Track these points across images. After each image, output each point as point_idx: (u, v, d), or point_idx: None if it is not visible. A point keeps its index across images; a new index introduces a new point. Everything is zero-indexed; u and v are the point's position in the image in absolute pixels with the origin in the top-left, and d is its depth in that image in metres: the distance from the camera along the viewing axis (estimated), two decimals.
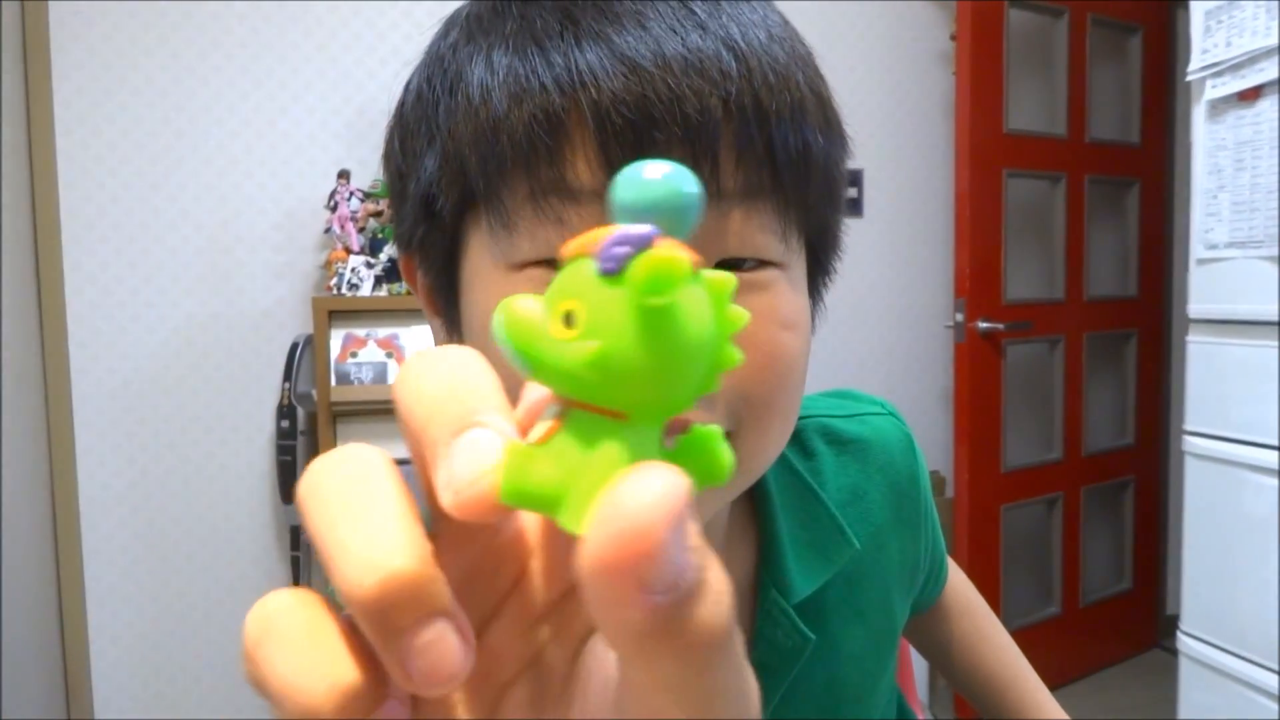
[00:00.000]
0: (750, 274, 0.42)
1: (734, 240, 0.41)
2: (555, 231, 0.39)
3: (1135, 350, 2.93)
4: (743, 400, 0.42)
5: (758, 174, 0.41)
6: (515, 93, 0.39)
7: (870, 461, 0.60)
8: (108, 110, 2.19)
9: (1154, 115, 2.87)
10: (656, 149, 0.38)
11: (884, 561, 0.60)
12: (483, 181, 0.41)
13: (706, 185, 0.38)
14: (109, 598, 2.26)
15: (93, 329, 2.21)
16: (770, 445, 0.45)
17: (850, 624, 0.57)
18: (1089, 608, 2.81)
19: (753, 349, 0.40)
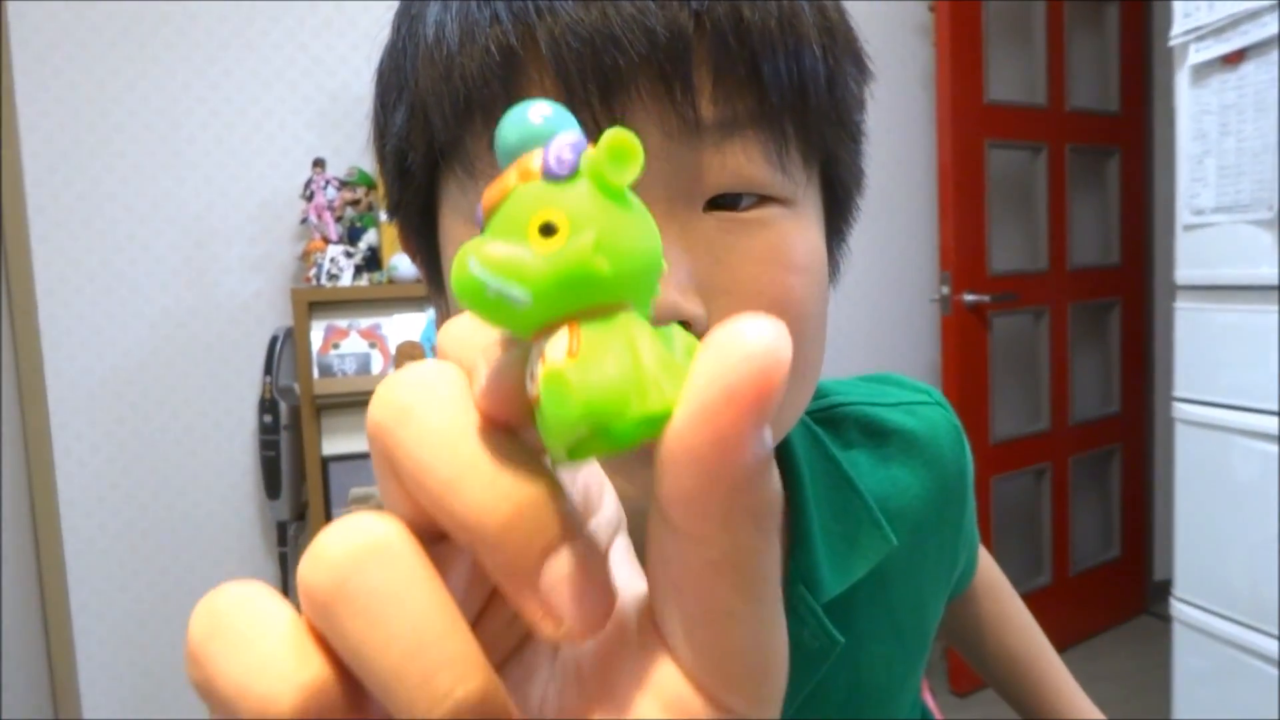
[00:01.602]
0: (747, 212, 0.38)
1: (723, 175, 0.37)
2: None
3: (1119, 318, 2.93)
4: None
5: (741, 100, 0.36)
6: (467, 29, 0.36)
7: (916, 456, 0.55)
8: (72, 104, 2.14)
9: (1133, 83, 2.86)
10: (621, 78, 0.34)
11: (921, 562, 0.56)
12: (444, 128, 0.37)
13: (682, 115, 0.35)
14: (93, 601, 2.22)
15: (66, 328, 2.17)
16: (785, 406, 0.40)
17: (880, 626, 0.53)
18: (1079, 576, 2.83)
19: (755, 295, 0.37)
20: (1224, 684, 1.74)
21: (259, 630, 0.18)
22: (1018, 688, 0.72)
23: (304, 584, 0.18)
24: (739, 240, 0.37)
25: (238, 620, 0.18)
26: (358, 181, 2.19)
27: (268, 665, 0.17)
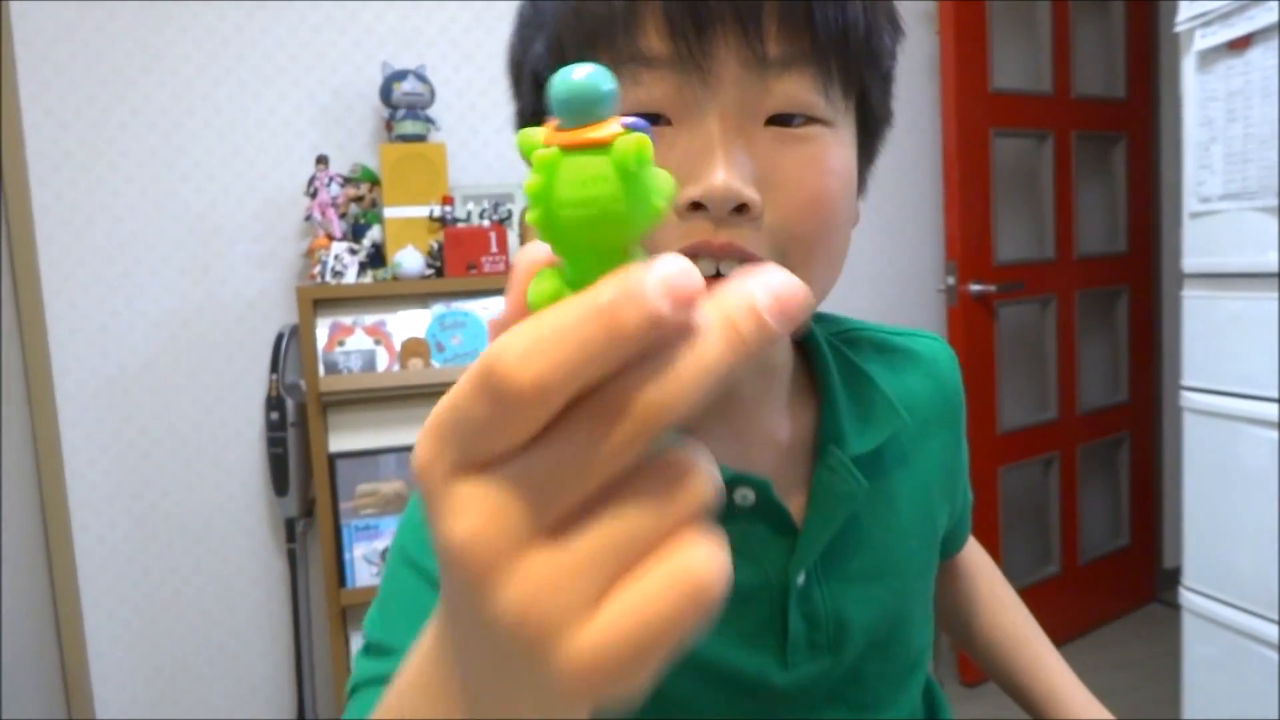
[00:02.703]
0: (798, 129, 0.49)
1: (781, 99, 0.48)
2: (633, 91, 0.47)
3: (1126, 306, 2.92)
4: (788, 236, 0.48)
5: (798, 42, 0.47)
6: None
7: (920, 367, 0.66)
8: (75, 104, 2.14)
9: (1139, 69, 2.84)
10: (711, 23, 0.45)
11: (928, 453, 0.65)
12: (576, 54, 0.47)
13: (754, 50, 0.46)
14: (104, 598, 2.23)
15: (73, 328, 2.17)
16: (816, 280, 0.50)
17: (898, 497, 0.62)
18: (1088, 565, 2.82)
19: (799, 191, 0.48)
20: (1233, 672, 1.73)
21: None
22: (1009, 663, 0.77)
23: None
24: (789, 149, 0.48)
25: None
26: (361, 178, 2.19)
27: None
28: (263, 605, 2.34)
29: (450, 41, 2.37)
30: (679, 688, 0.55)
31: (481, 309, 2.09)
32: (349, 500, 2.03)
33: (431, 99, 2.20)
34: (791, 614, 0.56)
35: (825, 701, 0.59)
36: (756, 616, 0.56)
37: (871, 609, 0.59)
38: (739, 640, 0.56)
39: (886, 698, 0.62)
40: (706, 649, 0.55)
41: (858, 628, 0.59)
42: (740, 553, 0.54)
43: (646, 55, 0.46)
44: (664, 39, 0.46)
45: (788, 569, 0.56)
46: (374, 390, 2.00)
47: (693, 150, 0.47)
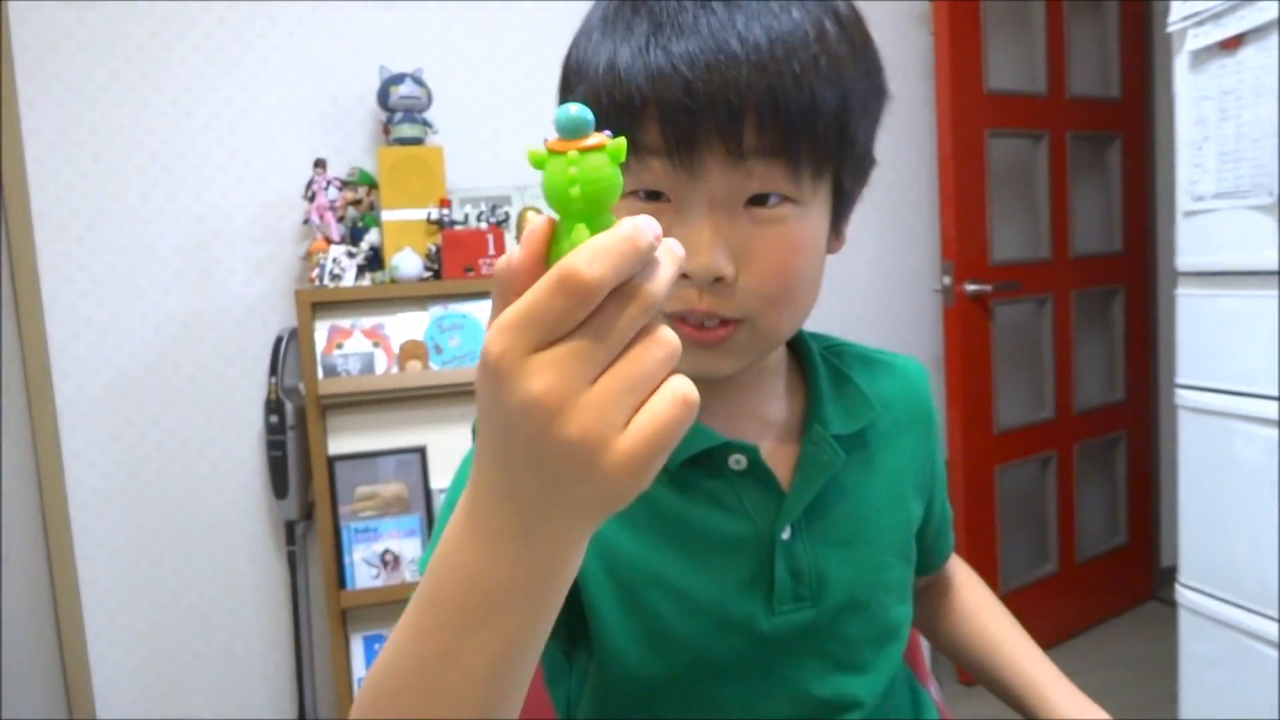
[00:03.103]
0: (772, 209, 0.58)
1: (757, 183, 0.57)
2: (638, 173, 0.57)
3: (1123, 306, 2.93)
4: (757, 298, 0.58)
5: (771, 137, 0.55)
6: (619, 79, 0.56)
7: (896, 378, 0.77)
8: (74, 108, 2.15)
9: (1133, 69, 2.86)
10: (699, 131, 0.54)
11: (901, 447, 0.74)
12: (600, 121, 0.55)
13: (731, 150, 0.55)
14: (105, 602, 2.24)
15: (72, 332, 2.18)
16: (781, 327, 0.62)
17: (873, 478, 0.71)
18: (1085, 564, 2.83)
19: (767, 265, 0.58)
20: (1230, 669, 1.74)
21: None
22: (990, 661, 0.81)
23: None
24: (763, 229, 0.58)
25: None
26: (359, 181, 2.20)
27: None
28: (262, 608, 2.35)
29: (447, 45, 2.37)
30: (684, 627, 0.64)
31: (479, 311, 2.09)
32: (348, 503, 2.03)
33: (429, 102, 2.21)
34: (778, 565, 0.65)
35: (811, 653, 0.68)
36: (748, 565, 0.65)
37: (848, 569, 0.68)
38: (734, 586, 0.65)
39: (867, 660, 0.70)
40: (706, 593, 0.64)
41: (836, 583, 0.68)
42: (733, 509, 0.64)
43: (647, 146, 0.56)
44: (659, 136, 0.55)
45: (775, 525, 0.65)
46: (373, 392, 2.01)
47: (682, 228, 0.57)
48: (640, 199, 0.58)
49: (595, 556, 0.63)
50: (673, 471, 0.65)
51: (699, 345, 0.59)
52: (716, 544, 0.65)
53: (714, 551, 0.65)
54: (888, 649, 0.71)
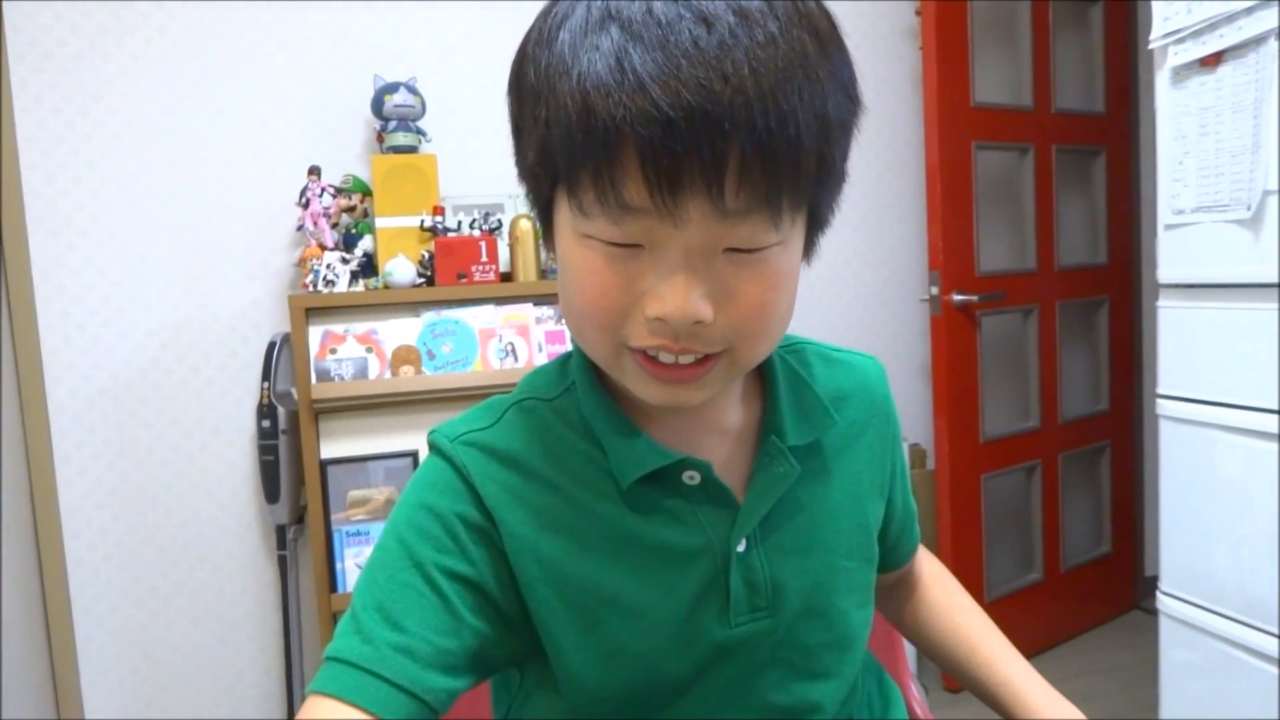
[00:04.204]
0: (751, 254, 0.55)
1: (736, 239, 0.54)
2: (611, 227, 0.54)
3: (1107, 317, 2.96)
4: (736, 334, 0.57)
5: (754, 194, 0.52)
6: (593, 124, 0.51)
7: (853, 377, 0.76)
8: (68, 115, 2.16)
9: (1118, 84, 2.90)
10: (682, 183, 0.51)
11: (860, 451, 0.74)
12: (567, 183, 0.55)
13: (715, 206, 0.52)
14: (94, 606, 2.24)
15: (65, 336, 2.19)
16: (757, 353, 0.60)
17: (829, 484, 0.71)
18: (1070, 572, 2.86)
19: (746, 304, 0.56)
20: (1211, 677, 1.76)
21: None
22: (966, 661, 0.81)
23: None
24: (741, 270, 0.56)
25: None
26: (352, 188, 2.21)
27: None
28: (253, 612, 2.35)
29: (441, 54, 2.40)
30: (641, 644, 0.63)
31: (472, 317, 2.11)
32: (340, 508, 2.05)
33: (422, 111, 2.23)
34: (733, 577, 0.64)
35: (769, 663, 0.67)
36: (703, 578, 0.64)
37: (804, 577, 0.68)
38: (689, 601, 0.64)
39: (827, 667, 0.70)
40: (662, 609, 0.63)
41: (792, 592, 0.67)
42: (688, 523, 0.63)
43: (627, 204, 0.52)
44: (642, 193, 0.52)
45: (730, 538, 0.65)
46: (366, 397, 2.02)
47: (660, 272, 0.55)
48: (614, 246, 0.55)
49: (546, 582, 0.62)
50: (626, 490, 0.63)
51: (673, 382, 0.58)
52: (671, 559, 0.64)
53: (668, 567, 0.63)
54: (848, 654, 0.71)
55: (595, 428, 0.65)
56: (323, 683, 0.57)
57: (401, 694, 0.56)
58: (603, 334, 0.58)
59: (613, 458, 0.64)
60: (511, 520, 0.62)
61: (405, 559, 0.60)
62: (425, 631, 0.58)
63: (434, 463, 0.65)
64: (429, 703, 0.57)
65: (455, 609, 0.59)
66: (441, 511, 0.61)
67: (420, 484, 0.64)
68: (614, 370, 0.61)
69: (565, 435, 0.66)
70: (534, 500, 0.63)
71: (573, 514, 0.63)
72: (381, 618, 0.58)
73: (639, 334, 0.56)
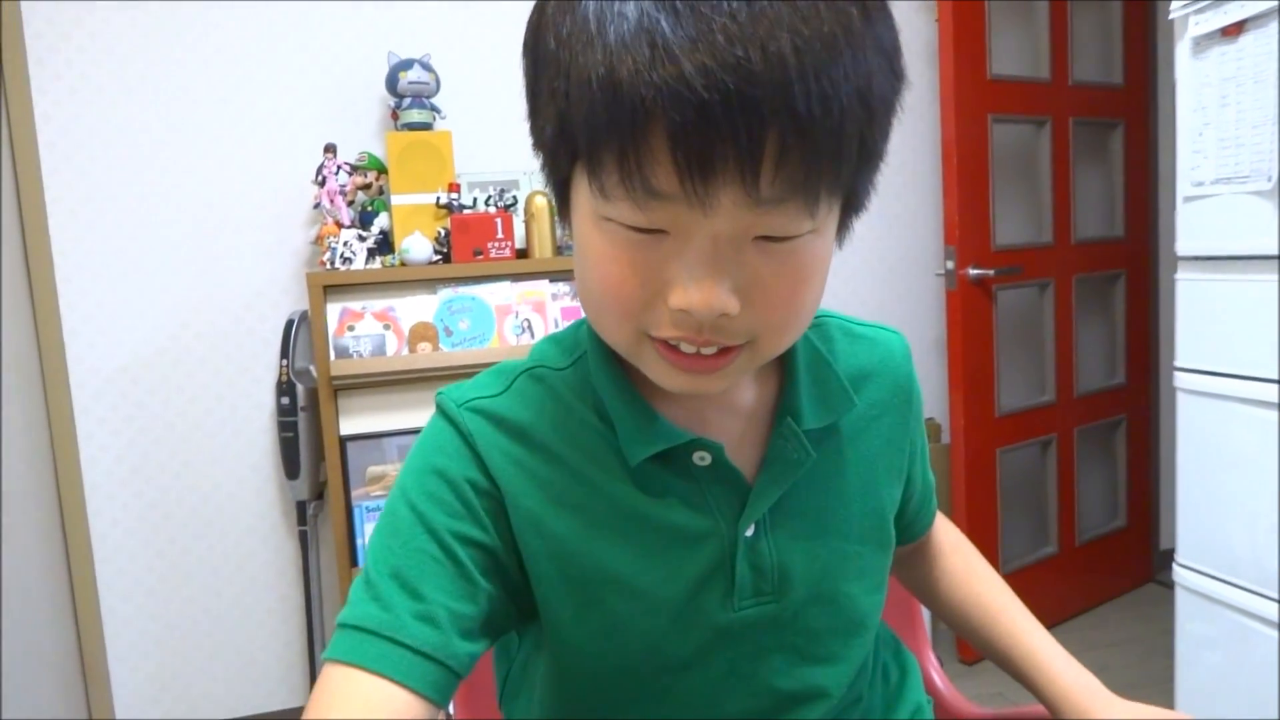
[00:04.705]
0: (783, 243, 0.52)
1: (768, 228, 0.51)
2: (636, 214, 0.50)
3: (1124, 290, 2.95)
4: (762, 327, 0.54)
5: (790, 182, 0.48)
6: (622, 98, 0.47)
7: (875, 353, 0.73)
8: (85, 95, 2.17)
9: (1136, 55, 2.87)
10: (715, 169, 0.47)
11: (878, 432, 0.71)
12: (588, 163, 0.50)
13: (748, 194, 0.48)
14: (119, 580, 2.28)
15: (85, 315, 2.21)
16: (783, 344, 0.58)
17: (844, 468, 0.69)
18: (1085, 546, 2.86)
19: (775, 296, 0.53)
20: (1226, 649, 1.77)
21: None
22: (988, 632, 0.80)
23: None
24: (772, 262, 0.52)
25: None
26: (368, 166, 2.22)
27: None
28: (274, 586, 2.38)
29: (455, 30, 2.39)
30: (642, 624, 0.62)
31: (488, 293, 2.12)
32: (360, 483, 2.07)
33: (437, 88, 2.23)
34: (739, 562, 0.63)
35: (774, 648, 0.66)
36: (708, 561, 0.63)
37: (813, 563, 0.66)
38: (693, 582, 0.62)
39: (834, 652, 0.68)
40: (665, 589, 0.62)
41: (799, 579, 0.65)
42: (696, 505, 0.61)
43: (654, 190, 0.48)
44: (670, 179, 0.48)
45: (739, 522, 0.63)
46: (384, 374, 2.04)
47: (685, 262, 0.51)
48: (636, 231, 0.51)
49: (548, 556, 0.61)
50: (634, 468, 0.62)
51: (694, 372, 0.56)
52: (677, 541, 0.62)
53: (674, 549, 0.62)
54: (856, 639, 0.70)
55: (606, 403, 0.63)
56: (343, 651, 0.55)
57: (427, 661, 0.56)
58: (622, 322, 0.55)
59: (622, 435, 0.62)
60: (516, 492, 0.61)
61: (419, 525, 0.59)
62: (443, 598, 0.57)
63: (440, 425, 0.64)
64: (453, 668, 0.57)
65: (470, 574, 0.59)
66: (452, 476, 0.61)
67: (427, 448, 0.63)
68: (633, 357, 0.58)
69: (575, 407, 0.64)
70: (540, 473, 0.62)
71: (579, 490, 0.62)
72: (399, 585, 0.57)
73: (660, 324, 0.53)
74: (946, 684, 1.00)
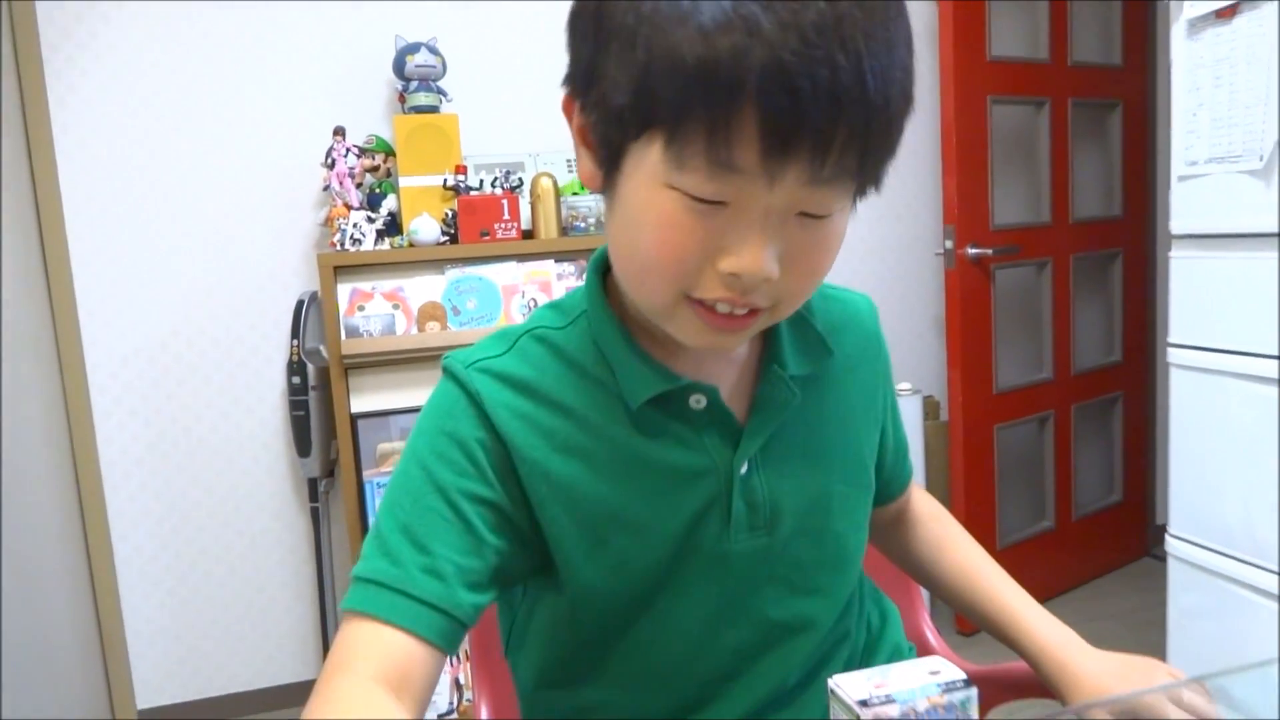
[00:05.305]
0: (820, 219, 0.58)
1: (818, 205, 0.57)
2: (707, 184, 0.54)
3: (1121, 269, 2.99)
4: (789, 292, 0.60)
5: (847, 165, 0.54)
6: (709, 82, 0.50)
7: (846, 312, 0.81)
8: (99, 80, 2.20)
9: (1135, 36, 2.89)
10: (793, 147, 0.52)
11: (854, 383, 0.79)
12: (668, 132, 0.54)
13: (814, 173, 0.53)
14: (135, 557, 2.33)
15: (101, 298, 2.25)
16: (796, 307, 0.64)
17: (826, 413, 0.75)
18: (1081, 520, 2.91)
19: (807, 264, 0.59)
20: (1218, 619, 1.81)
21: None
22: (969, 596, 0.84)
23: None
24: (808, 234, 0.58)
25: None
26: (376, 149, 2.25)
27: None
28: (286, 561, 2.44)
29: (462, 14, 2.42)
30: (647, 558, 0.68)
31: (495, 274, 2.16)
32: (372, 460, 2.11)
33: (443, 71, 2.26)
34: (735, 497, 0.69)
35: (767, 579, 0.72)
36: (706, 498, 0.69)
37: (801, 499, 0.72)
38: (693, 518, 0.68)
39: (821, 584, 0.74)
40: (667, 525, 0.68)
41: (789, 513, 0.71)
42: (693, 445, 0.68)
43: (734, 164, 0.52)
44: (753, 156, 0.52)
45: (733, 460, 0.69)
46: (394, 353, 2.08)
47: (739, 229, 0.56)
48: (698, 200, 0.55)
49: (557, 501, 0.66)
50: (634, 412, 0.67)
51: (722, 330, 0.61)
52: (676, 479, 0.67)
53: (673, 486, 0.67)
54: (841, 574, 0.76)
55: (606, 352, 0.68)
56: (358, 602, 0.61)
57: (433, 611, 0.60)
58: (668, 284, 0.59)
59: (623, 380, 0.67)
60: (523, 444, 0.66)
61: (428, 484, 0.64)
62: (450, 553, 0.62)
63: (447, 388, 0.68)
64: (458, 618, 0.62)
65: (477, 530, 0.64)
66: (461, 437, 0.65)
67: (437, 410, 0.67)
68: (665, 316, 0.62)
69: (576, 361, 0.69)
70: (545, 424, 0.66)
71: (582, 437, 0.67)
72: (408, 540, 0.62)
73: (706, 287, 0.58)
74: (940, 642, 1.05)
